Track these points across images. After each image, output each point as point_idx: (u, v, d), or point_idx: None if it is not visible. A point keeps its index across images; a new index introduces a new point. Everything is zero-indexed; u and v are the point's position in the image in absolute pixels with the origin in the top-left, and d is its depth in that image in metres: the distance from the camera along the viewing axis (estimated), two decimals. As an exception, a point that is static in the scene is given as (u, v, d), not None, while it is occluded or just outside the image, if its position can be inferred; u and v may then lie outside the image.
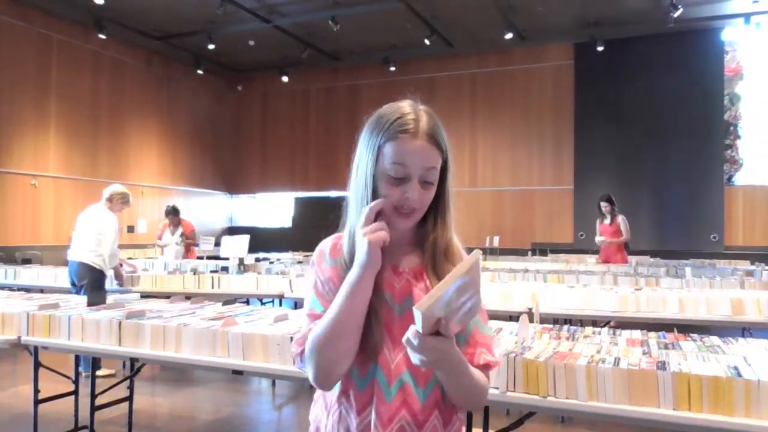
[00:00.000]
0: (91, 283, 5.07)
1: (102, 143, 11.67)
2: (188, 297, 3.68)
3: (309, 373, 1.12)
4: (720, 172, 11.21)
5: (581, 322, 4.08)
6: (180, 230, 7.87)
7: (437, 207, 1.19)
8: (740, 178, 11.27)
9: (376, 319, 1.11)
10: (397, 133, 1.13)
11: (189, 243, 7.93)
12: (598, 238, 7.51)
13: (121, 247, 10.65)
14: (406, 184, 1.12)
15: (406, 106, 1.17)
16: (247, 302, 5.46)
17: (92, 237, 5.15)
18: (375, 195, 1.14)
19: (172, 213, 7.85)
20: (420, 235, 1.20)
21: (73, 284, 5.23)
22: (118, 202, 5.38)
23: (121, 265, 5.61)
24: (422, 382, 1.12)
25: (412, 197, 1.12)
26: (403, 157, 1.12)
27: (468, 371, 1.08)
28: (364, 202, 1.14)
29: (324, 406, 1.17)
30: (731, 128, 11.32)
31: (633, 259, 7.62)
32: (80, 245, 5.19)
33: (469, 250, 1.25)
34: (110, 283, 5.58)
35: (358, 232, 1.09)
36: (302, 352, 1.13)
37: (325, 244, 1.22)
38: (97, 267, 5.14)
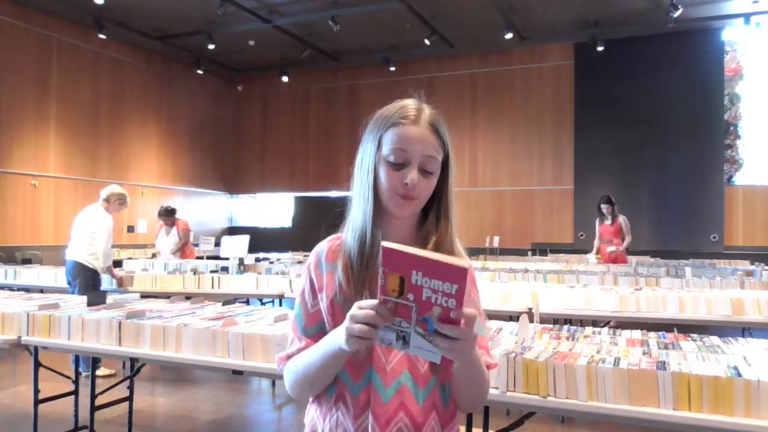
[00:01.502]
0: (85, 282, 5.11)
1: (102, 143, 11.66)
2: (188, 297, 3.68)
3: (285, 383, 1.19)
4: (720, 172, 11.21)
5: (581, 322, 4.08)
6: (175, 230, 7.75)
7: (440, 205, 1.18)
8: (740, 178, 11.27)
9: None
10: (399, 119, 1.14)
11: (183, 242, 7.78)
12: (609, 248, 7.41)
13: (121, 247, 10.68)
14: (406, 170, 1.12)
15: (409, 100, 1.19)
16: (247, 302, 5.47)
17: (86, 236, 5.21)
18: (376, 184, 1.14)
19: (165, 214, 7.65)
20: (421, 236, 1.19)
21: (69, 283, 5.30)
22: (116, 202, 5.41)
23: (120, 264, 5.62)
24: (421, 384, 1.11)
25: (411, 181, 1.11)
26: (402, 141, 1.12)
27: (481, 361, 1.11)
28: (367, 192, 1.14)
29: (319, 411, 1.16)
30: (731, 128, 11.32)
31: (633, 259, 7.62)
32: (75, 245, 5.26)
33: (470, 251, 1.26)
34: (108, 284, 5.59)
35: (348, 319, 0.98)
36: (283, 360, 1.21)
37: (322, 248, 1.21)
38: (90, 266, 5.20)
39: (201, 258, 7.89)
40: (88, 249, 5.20)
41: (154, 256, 8.23)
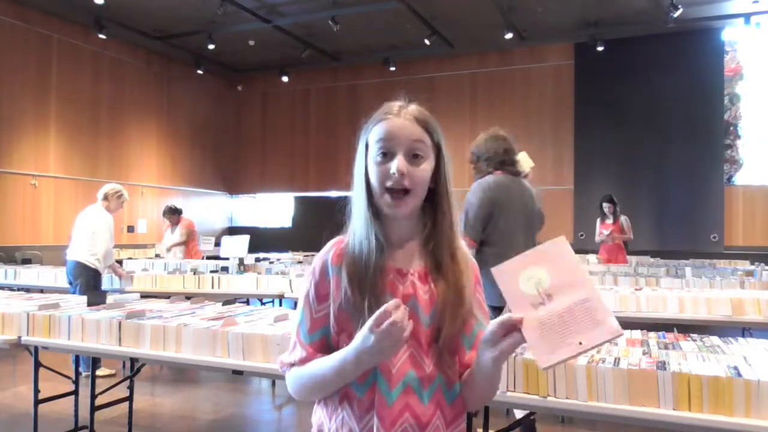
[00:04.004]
0: (86, 282, 5.10)
1: (102, 143, 11.66)
2: (188, 297, 3.68)
3: (288, 388, 1.20)
4: (720, 172, 11.21)
5: (581, 322, 4.07)
6: (179, 228, 7.85)
7: (434, 198, 1.18)
8: (740, 178, 11.26)
9: None
10: (382, 116, 1.16)
11: (182, 240, 7.83)
12: (599, 237, 7.49)
13: (121, 247, 10.67)
14: (392, 162, 1.12)
15: (395, 101, 1.20)
16: (247, 302, 5.46)
17: (87, 236, 5.20)
18: (369, 184, 1.14)
19: (168, 212, 7.83)
20: (424, 235, 1.19)
21: (69, 283, 5.29)
22: (115, 199, 5.39)
23: (120, 263, 5.64)
24: (426, 384, 1.11)
25: (398, 169, 1.10)
26: (385, 133, 1.14)
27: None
28: (362, 195, 1.15)
29: (325, 411, 1.17)
30: (731, 128, 11.31)
31: (633, 259, 7.62)
32: (76, 244, 5.25)
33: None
34: (108, 284, 5.59)
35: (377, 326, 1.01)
36: (286, 366, 1.20)
37: (327, 252, 1.20)
38: (91, 266, 5.18)
39: (201, 258, 7.91)
40: (90, 249, 5.19)
41: (157, 256, 8.26)
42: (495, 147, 3.33)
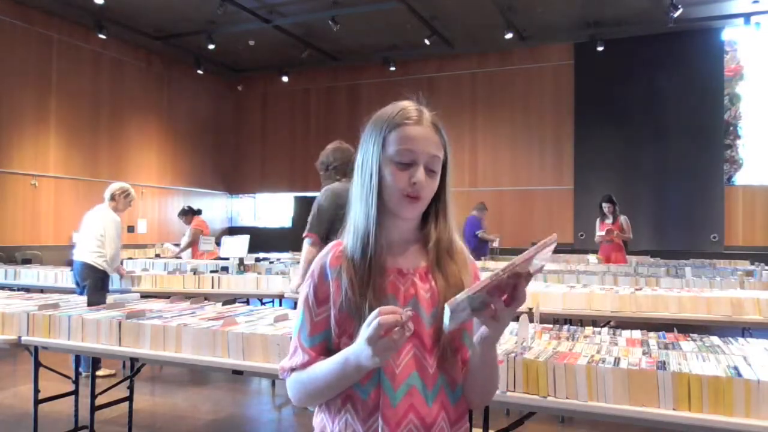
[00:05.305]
0: (94, 284, 5.08)
1: (102, 143, 11.66)
2: (188, 297, 3.68)
3: (290, 394, 1.18)
4: (720, 172, 11.21)
5: (581, 322, 4.08)
6: (188, 230, 7.97)
7: (438, 205, 1.20)
8: (740, 178, 11.26)
9: None
10: (403, 120, 1.15)
11: (190, 240, 7.92)
12: (599, 234, 7.49)
13: (121, 247, 10.65)
14: (413, 169, 1.13)
15: (407, 102, 1.20)
16: (247, 302, 5.47)
17: (95, 238, 5.17)
18: (381, 185, 1.14)
19: (181, 213, 7.97)
20: (423, 235, 1.20)
21: (77, 284, 5.26)
22: (122, 199, 5.38)
23: (121, 262, 5.65)
24: (430, 385, 1.11)
25: (419, 180, 1.12)
26: (409, 141, 1.13)
27: (497, 350, 1.16)
28: (371, 193, 1.14)
29: (328, 413, 1.16)
30: (731, 128, 11.31)
31: (633, 259, 7.62)
32: (83, 246, 5.22)
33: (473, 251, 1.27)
34: (116, 285, 5.59)
35: (373, 337, 0.98)
36: (287, 371, 1.19)
37: (326, 256, 1.19)
38: (99, 267, 5.16)
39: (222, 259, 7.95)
40: (98, 251, 5.15)
41: (157, 255, 8.32)
42: (342, 157, 3.62)
